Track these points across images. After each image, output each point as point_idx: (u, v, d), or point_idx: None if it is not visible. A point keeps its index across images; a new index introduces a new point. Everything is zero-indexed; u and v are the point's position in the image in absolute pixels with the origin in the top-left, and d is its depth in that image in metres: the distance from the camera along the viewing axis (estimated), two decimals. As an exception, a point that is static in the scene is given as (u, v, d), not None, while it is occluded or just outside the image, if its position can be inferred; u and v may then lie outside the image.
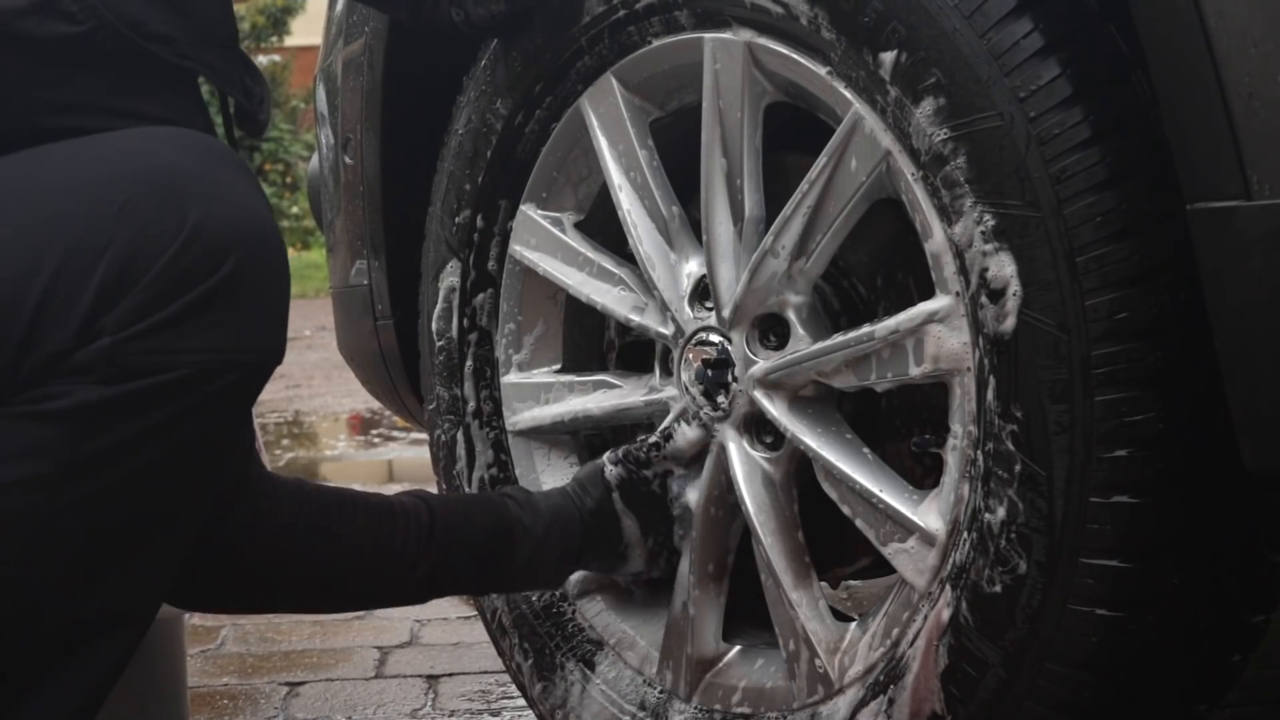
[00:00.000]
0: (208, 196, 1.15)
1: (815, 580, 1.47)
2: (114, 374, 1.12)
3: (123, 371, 1.12)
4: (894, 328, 1.31)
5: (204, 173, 1.17)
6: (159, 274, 1.12)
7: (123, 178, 1.15)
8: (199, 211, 1.14)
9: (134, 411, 1.13)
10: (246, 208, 1.17)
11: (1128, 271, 1.15)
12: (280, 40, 14.80)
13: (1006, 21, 1.19)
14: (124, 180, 1.15)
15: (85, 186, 1.15)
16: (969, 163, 1.21)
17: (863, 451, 1.40)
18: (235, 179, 1.18)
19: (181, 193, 1.14)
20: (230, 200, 1.16)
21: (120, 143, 1.19)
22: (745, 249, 1.44)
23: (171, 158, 1.17)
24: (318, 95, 2.08)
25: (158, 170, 1.16)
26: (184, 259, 1.13)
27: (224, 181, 1.17)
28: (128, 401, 1.12)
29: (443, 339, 1.76)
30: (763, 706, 1.50)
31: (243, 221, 1.16)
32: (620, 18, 1.51)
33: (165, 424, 1.14)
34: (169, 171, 1.16)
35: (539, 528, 1.55)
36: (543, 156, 1.65)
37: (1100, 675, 1.22)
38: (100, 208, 1.13)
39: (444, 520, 1.52)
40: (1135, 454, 1.16)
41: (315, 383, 6.23)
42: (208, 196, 1.15)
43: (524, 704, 1.81)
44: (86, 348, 1.11)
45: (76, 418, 1.11)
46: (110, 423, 1.12)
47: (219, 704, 2.19)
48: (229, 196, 1.16)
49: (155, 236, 1.13)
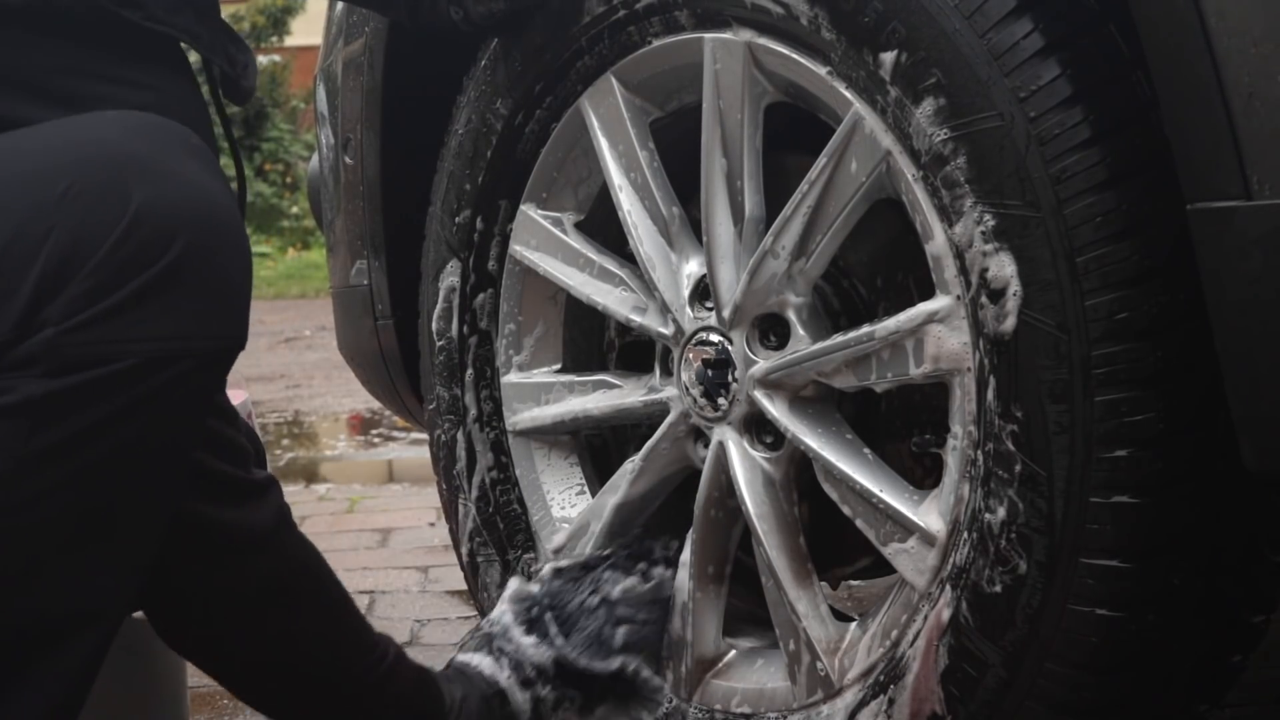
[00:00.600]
0: (153, 179, 1.11)
1: (815, 580, 1.47)
2: (59, 366, 1.08)
3: (68, 363, 1.08)
4: (894, 328, 1.31)
5: (150, 154, 1.13)
6: (102, 261, 1.08)
7: (66, 165, 1.11)
8: (143, 195, 1.10)
9: (84, 404, 1.09)
10: (196, 188, 1.13)
11: (1128, 271, 1.15)
12: (280, 40, 14.78)
13: (1006, 21, 1.19)
14: (67, 167, 1.11)
15: (29, 176, 1.11)
16: (969, 163, 1.21)
17: (863, 452, 1.40)
18: (185, 159, 1.14)
19: (125, 176, 1.11)
20: (178, 181, 1.12)
21: (66, 129, 1.16)
22: (745, 249, 1.44)
23: (117, 141, 1.13)
24: (318, 95, 2.08)
25: (102, 155, 1.12)
26: (127, 244, 1.09)
27: (172, 162, 1.13)
28: (76, 394, 1.09)
29: (443, 339, 1.76)
30: (763, 707, 1.50)
31: (191, 203, 1.12)
32: (620, 18, 1.52)
33: (118, 415, 1.10)
34: (113, 155, 1.12)
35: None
36: (543, 156, 1.65)
37: (1100, 675, 1.22)
38: (42, 196, 1.10)
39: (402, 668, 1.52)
40: (1135, 454, 1.16)
41: (315, 383, 6.23)
42: (153, 179, 1.11)
43: (524, 704, 1.81)
44: (29, 340, 1.07)
45: (23, 413, 1.08)
46: (59, 416, 1.09)
47: (219, 704, 2.18)
48: (176, 178, 1.12)
49: (97, 222, 1.09)
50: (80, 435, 1.09)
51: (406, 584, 2.81)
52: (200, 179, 1.14)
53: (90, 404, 1.09)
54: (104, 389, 1.09)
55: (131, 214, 1.09)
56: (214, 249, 1.12)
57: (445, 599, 2.70)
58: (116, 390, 1.09)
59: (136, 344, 1.09)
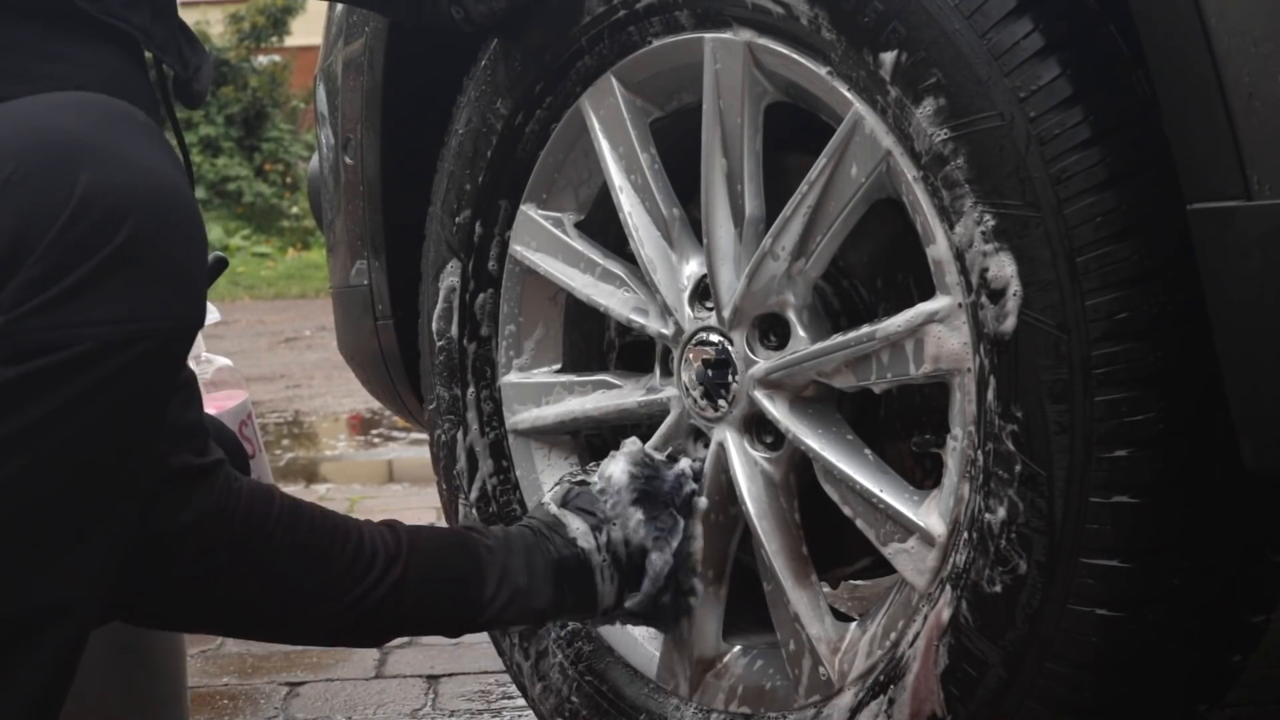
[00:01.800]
0: (100, 160, 1.10)
1: (815, 580, 1.47)
2: (11, 354, 1.07)
3: (19, 351, 1.07)
4: (894, 328, 1.31)
5: (97, 136, 1.11)
6: (50, 245, 1.07)
7: (9, 150, 1.10)
8: (89, 177, 1.08)
9: (40, 391, 1.07)
10: (144, 169, 1.11)
11: (1128, 271, 1.15)
12: (280, 40, 14.79)
13: (1007, 21, 1.19)
14: (10, 153, 1.10)
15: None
16: (969, 163, 1.21)
17: (863, 452, 1.40)
18: (133, 140, 1.13)
19: (71, 159, 1.09)
20: (125, 162, 1.11)
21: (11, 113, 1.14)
22: (746, 249, 1.44)
23: (62, 123, 1.12)
24: (318, 95, 2.08)
25: (46, 138, 1.10)
26: (75, 228, 1.07)
27: (119, 143, 1.12)
28: (30, 382, 1.07)
29: (443, 339, 1.76)
30: (763, 707, 1.50)
31: (139, 183, 1.10)
32: (620, 18, 1.51)
33: (77, 401, 1.09)
34: (58, 138, 1.10)
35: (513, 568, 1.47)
36: (543, 157, 1.65)
37: (1100, 675, 1.22)
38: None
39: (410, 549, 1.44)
40: (1135, 454, 1.16)
41: (315, 383, 6.23)
42: (100, 160, 1.10)
43: (524, 704, 1.81)
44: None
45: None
46: (15, 404, 1.07)
47: (219, 704, 2.19)
48: (124, 159, 1.11)
49: (44, 207, 1.07)
50: (39, 423, 1.08)
51: (406, 584, 2.81)
52: (148, 158, 1.13)
53: (47, 390, 1.08)
54: (60, 375, 1.08)
55: (78, 197, 1.08)
56: (164, 228, 1.11)
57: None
58: (73, 375, 1.08)
59: (90, 328, 1.08)
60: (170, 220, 1.12)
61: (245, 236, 13.09)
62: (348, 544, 1.40)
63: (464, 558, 1.46)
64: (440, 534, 1.50)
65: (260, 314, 9.45)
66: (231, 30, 14.59)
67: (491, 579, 1.46)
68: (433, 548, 1.46)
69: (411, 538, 1.44)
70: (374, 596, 1.40)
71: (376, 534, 1.42)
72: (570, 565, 1.49)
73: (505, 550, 1.48)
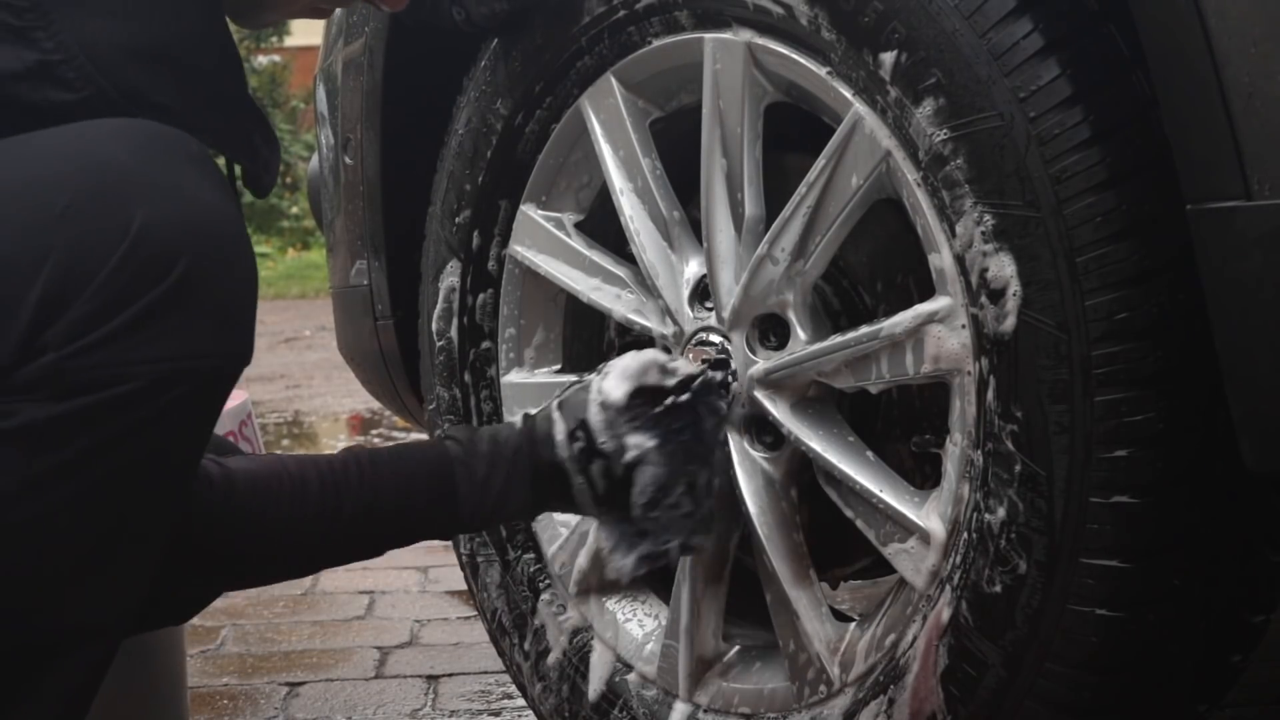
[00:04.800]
0: (154, 195, 1.09)
1: (815, 580, 1.47)
2: (62, 390, 1.06)
3: (71, 387, 1.06)
4: (894, 328, 1.31)
5: (151, 169, 1.10)
6: (104, 283, 1.06)
7: (64, 179, 1.09)
8: (145, 212, 1.08)
9: (87, 426, 1.07)
10: (198, 204, 1.10)
11: (1128, 271, 1.15)
12: (280, 40, 14.77)
13: (1006, 21, 1.19)
14: (65, 182, 1.09)
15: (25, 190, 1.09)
16: (969, 163, 1.21)
17: (863, 452, 1.40)
18: (187, 172, 1.12)
19: (125, 193, 1.08)
20: (180, 197, 1.10)
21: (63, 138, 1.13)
22: (745, 249, 1.44)
23: (115, 154, 1.11)
24: (318, 95, 2.08)
25: (100, 169, 1.09)
26: (130, 265, 1.07)
27: (173, 177, 1.11)
28: (79, 417, 1.07)
29: (443, 339, 1.76)
30: (762, 707, 1.50)
31: (194, 219, 1.10)
32: (620, 18, 1.51)
33: (121, 436, 1.09)
34: (111, 170, 1.09)
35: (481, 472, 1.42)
36: (543, 157, 1.65)
37: (1100, 675, 1.22)
38: (40, 213, 1.07)
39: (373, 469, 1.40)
40: (1135, 454, 1.16)
41: (315, 383, 6.23)
42: (154, 195, 1.09)
43: (524, 704, 1.81)
44: (31, 364, 1.06)
45: (26, 436, 1.06)
46: (63, 439, 1.07)
47: (219, 704, 2.19)
48: (178, 193, 1.10)
49: (98, 242, 1.07)
50: (83, 456, 1.08)
51: (406, 584, 2.82)
52: (202, 192, 1.12)
53: (94, 426, 1.08)
54: (107, 411, 1.08)
55: (134, 233, 1.07)
56: (218, 266, 1.11)
57: (445, 599, 2.70)
58: (120, 412, 1.08)
59: (140, 366, 1.08)
60: (223, 258, 1.11)
61: (245, 236, 13.08)
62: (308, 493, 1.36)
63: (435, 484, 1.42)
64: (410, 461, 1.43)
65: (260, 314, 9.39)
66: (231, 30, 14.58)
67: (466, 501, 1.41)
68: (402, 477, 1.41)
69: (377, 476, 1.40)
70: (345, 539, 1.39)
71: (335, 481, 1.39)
72: (545, 471, 1.43)
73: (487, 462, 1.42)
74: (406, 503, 1.41)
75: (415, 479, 1.42)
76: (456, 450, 1.43)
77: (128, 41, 1.22)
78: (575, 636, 1.66)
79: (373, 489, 1.39)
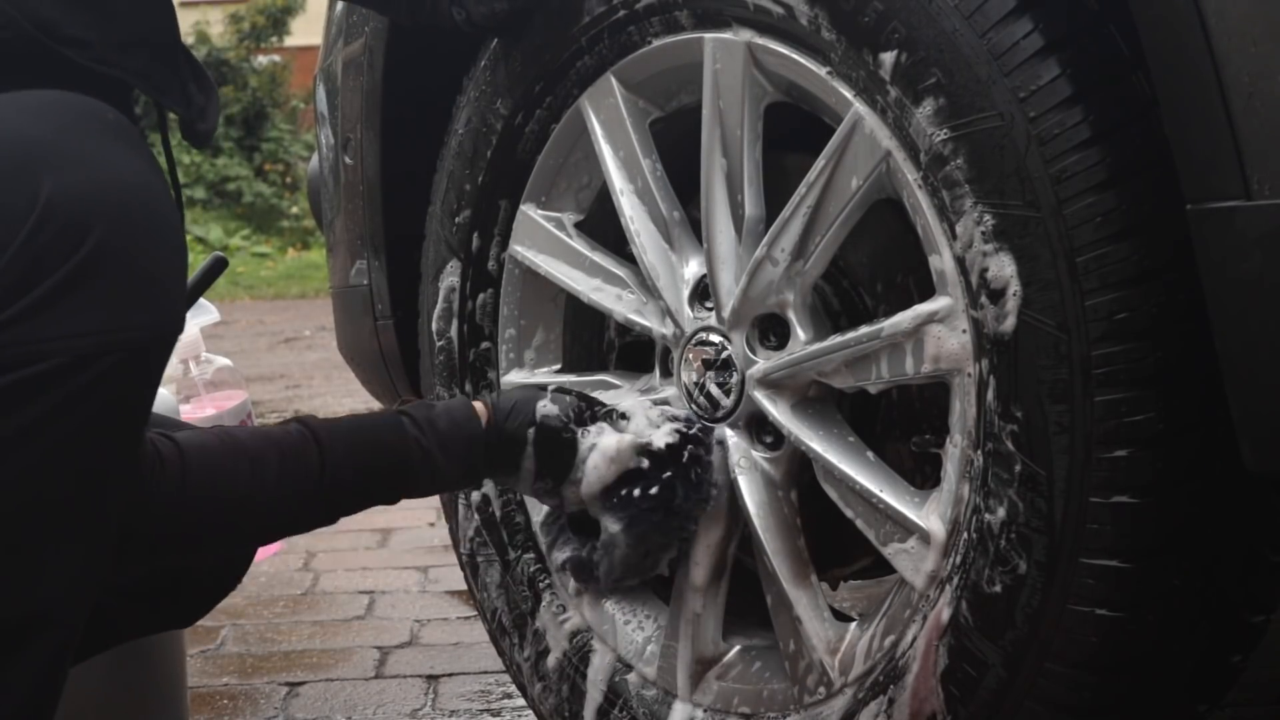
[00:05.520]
0: (64, 166, 1.05)
1: (815, 580, 1.47)
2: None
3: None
4: (893, 328, 1.31)
5: (60, 140, 1.07)
6: (13, 258, 1.03)
7: None
8: (52, 185, 1.04)
9: (12, 406, 1.05)
10: (110, 171, 1.07)
11: (1128, 271, 1.15)
12: (280, 40, 14.77)
13: (1006, 21, 1.19)
14: None
15: None
16: (969, 163, 1.21)
17: (863, 452, 1.40)
18: (100, 141, 1.09)
19: (33, 164, 1.05)
20: (91, 167, 1.06)
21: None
22: (745, 249, 1.44)
23: (24, 128, 1.07)
24: (318, 95, 2.08)
25: (6, 143, 1.06)
26: (39, 239, 1.03)
27: (84, 147, 1.07)
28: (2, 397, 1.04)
29: (443, 339, 1.76)
30: (762, 707, 1.50)
31: (106, 189, 1.06)
32: (620, 18, 1.51)
33: (51, 415, 1.06)
34: (18, 143, 1.06)
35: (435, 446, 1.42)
36: (543, 157, 1.65)
37: (1100, 675, 1.22)
38: None
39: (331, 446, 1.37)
40: (1135, 454, 1.16)
41: (315, 383, 6.22)
42: (64, 166, 1.05)
43: (524, 704, 1.81)
44: None
45: None
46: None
47: (219, 704, 2.19)
48: (89, 161, 1.07)
49: (5, 218, 1.04)
50: (13, 437, 1.06)
51: (406, 584, 2.82)
52: (116, 160, 1.08)
53: (19, 406, 1.05)
54: (31, 390, 1.05)
55: (41, 205, 1.04)
56: (135, 235, 1.07)
57: (445, 599, 2.70)
58: (45, 390, 1.05)
59: (59, 342, 1.05)
60: (140, 226, 1.08)
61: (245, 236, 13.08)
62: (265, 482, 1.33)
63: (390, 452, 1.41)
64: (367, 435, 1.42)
65: (260, 314, 9.45)
66: (231, 30, 14.57)
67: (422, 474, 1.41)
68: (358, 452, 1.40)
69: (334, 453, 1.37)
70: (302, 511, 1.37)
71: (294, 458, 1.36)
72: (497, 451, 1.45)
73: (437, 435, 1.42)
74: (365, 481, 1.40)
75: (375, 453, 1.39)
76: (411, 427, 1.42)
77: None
78: (575, 637, 1.67)
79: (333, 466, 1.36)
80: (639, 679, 1.61)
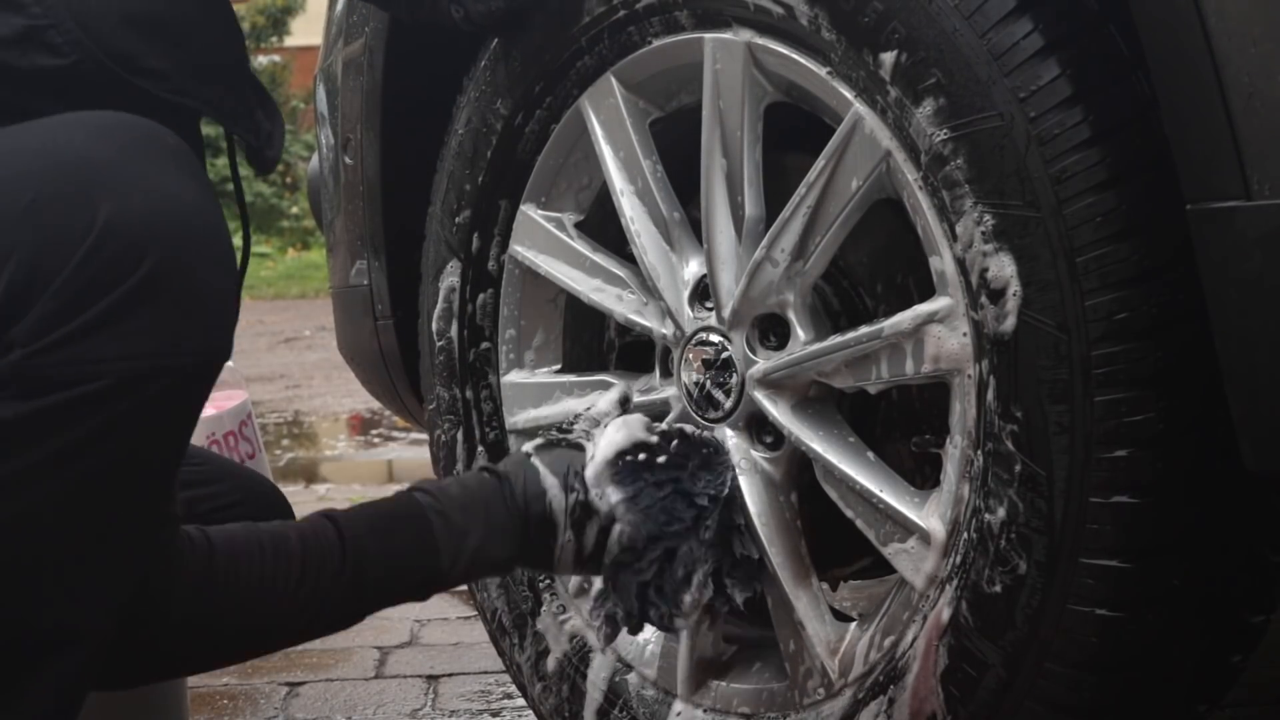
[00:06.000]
0: (122, 189, 1.06)
1: (815, 580, 1.47)
2: (29, 389, 1.04)
3: (38, 386, 1.04)
4: (893, 328, 1.31)
5: (120, 162, 1.08)
6: (69, 279, 1.04)
7: (31, 174, 1.06)
8: (110, 207, 1.05)
9: (58, 426, 1.05)
10: (167, 197, 1.08)
11: (1128, 271, 1.15)
12: (280, 40, 14.79)
13: (1006, 22, 1.19)
14: (32, 177, 1.06)
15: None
16: (969, 163, 1.21)
17: (863, 452, 1.40)
18: (158, 166, 1.09)
19: (91, 187, 1.06)
20: (149, 191, 1.07)
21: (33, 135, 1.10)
22: (745, 250, 1.44)
23: (84, 148, 1.08)
24: (318, 95, 2.09)
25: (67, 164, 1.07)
26: (95, 261, 1.04)
27: (143, 170, 1.08)
28: (48, 416, 1.05)
29: (443, 339, 1.76)
30: (762, 707, 1.50)
31: (162, 214, 1.07)
32: (620, 18, 1.51)
33: (95, 435, 1.06)
34: (79, 164, 1.07)
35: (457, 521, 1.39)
36: (543, 157, 1.65)
37: (1100, 675, 1.22)
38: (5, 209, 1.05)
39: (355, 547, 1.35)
40: (1135, 454, 1.16)
41: (315, 383, 6.23)
42: (122, 189, 1.06)
43: (524, 704, 1.81)
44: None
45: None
46: (33, 439, 1.05)
47: (219, 704, 2.19)
48: (147, 187, 1.07)
49: (62, 238, 1.04)
50: (56, 456, 1.06)
51: (406, 584, 2.81)
52: (173, 185, 1.09)
53: (65, 425, 1.06)
54: (77, 410, 1.05)
55: (99, 228, 1.05)
56: (188, 261, 1.08)
57: (445, 599, 2.70)
58: (91, 411, 1.06)
59: (108, 364, 1.05)
60: (194, 253, 1.08)
61: (245, 236, 13.10)
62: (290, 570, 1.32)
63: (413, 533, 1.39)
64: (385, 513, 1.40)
65: (260, 314, 9.45)
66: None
67: (446, 549, 1.38)
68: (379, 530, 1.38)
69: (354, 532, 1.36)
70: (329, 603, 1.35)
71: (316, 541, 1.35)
72: (533, 523, 1.41)
73: (460, 509, 1.40)
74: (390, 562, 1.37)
75: (395, 534, 1.38)
76: (428, 500, 1.40)
77: (119, 7, 1.21)
78: (575, 638, 1.67)
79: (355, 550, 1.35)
80: (639, 679, 1.61)
